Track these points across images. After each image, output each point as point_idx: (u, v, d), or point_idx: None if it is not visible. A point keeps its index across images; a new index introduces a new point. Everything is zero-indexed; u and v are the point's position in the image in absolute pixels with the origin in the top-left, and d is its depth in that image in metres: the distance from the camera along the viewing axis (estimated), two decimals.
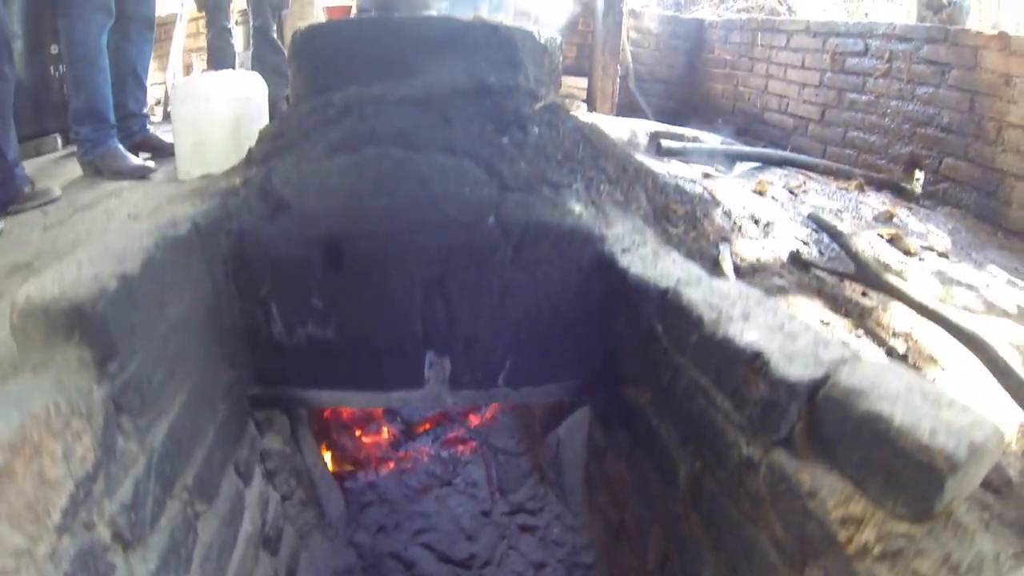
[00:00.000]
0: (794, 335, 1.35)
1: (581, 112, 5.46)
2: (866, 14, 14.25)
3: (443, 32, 2.31)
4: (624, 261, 1.81)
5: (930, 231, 3.33)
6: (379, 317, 1.92)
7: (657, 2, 7.80)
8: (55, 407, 1.13)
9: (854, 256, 2.37)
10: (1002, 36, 3.89)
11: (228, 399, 1.85)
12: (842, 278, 2.36)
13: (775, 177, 3.59)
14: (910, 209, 3.68)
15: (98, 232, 2.36)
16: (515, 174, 1.96)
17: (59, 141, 4.54)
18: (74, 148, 3.57)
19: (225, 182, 2.19)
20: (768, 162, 3.87)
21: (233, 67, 4.55)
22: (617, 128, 4.52)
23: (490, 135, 2.07)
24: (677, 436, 1.65)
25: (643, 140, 4.47)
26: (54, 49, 4.42)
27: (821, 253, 2.53)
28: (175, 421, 1.51)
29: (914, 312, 2.12)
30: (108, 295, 1.27)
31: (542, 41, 2.51)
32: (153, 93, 5.38)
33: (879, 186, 4.16)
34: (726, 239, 2.37)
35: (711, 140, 4.85)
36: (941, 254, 2.99)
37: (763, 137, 5.62)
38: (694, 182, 2.82)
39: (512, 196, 1.90)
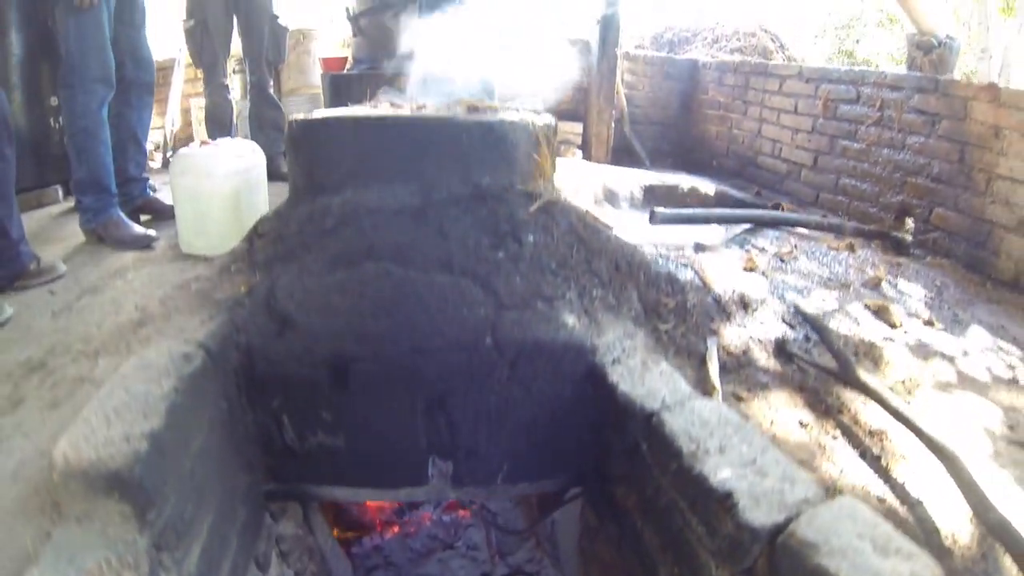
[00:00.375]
0: (764, 471, 1.50)
1: (576, 161, 5.59)
2: (857, 41, 14.35)
3: (439, 135, 2.36)
4: (614, 375, 1.94)
5: (915, 293, 3.43)
6: (385, 429, 2.03)
7: (651, 42, 7.93)
8: (107, 563, 1.27)
9: (835, 353, 2.49)
10: (991, 88, 3.96)
11: (247, 501, 1.97)
12: (823, 372, 2.48)
13: (767, 241, 3.69)
14: (899, 266, 3.76)
15: (108, 330, 2.43)
16: (511, 291, 2.07)
17: (60, 193, 4.63)
18: (74, 199, 3.65)
19: (229, 285, 2.27)
20: (761, 223, 3.98)
21: (231, 123, 4.65)
22: (612, 180, 4.63)
23: (486, 250, 2.17)
24: (658, 542, 1.78)
25: (638, 193, 4.60)
26: (54, 101, 4.47)
27: (807, 338, 2.64)
28: (205, 543, 1.64)
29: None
30: (142, 457, 1.40)
31: (537, 129, 2.53)
32: (152, 137, 5.47)
33: (870, 237, 4.24)
34: (714, 331, 2.49)
35: (705, 187, 4.96)
36: (927, 322, 3.09)
37: (757, 181, 5.71)
38: (686, 265, 2.93)
39: (508, 315, 2.02)
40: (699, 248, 3.38)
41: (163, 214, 3.87)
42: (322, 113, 2.56)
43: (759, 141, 5.73)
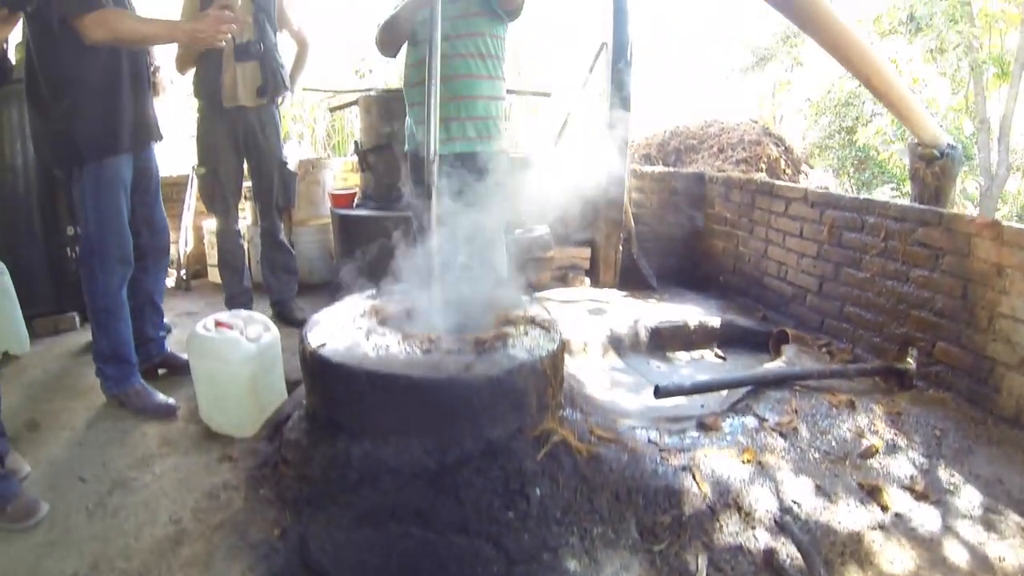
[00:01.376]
0: None
1: (584, 291, 5.66)
2: (856, 118, 14.52)
3: (450, 395, 2.50)
4: None
5: (913, 451, 3.43)
6: None
7: (657, 149, 8.02)
8: None
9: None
10: (995, 225, 3.97)
11: None
12: None
13: (768, 407, 3.66)
14: (899, 417, 3.74)
15: (147, 545, 2.53)
16: (520, 548, 2.26)
17: (77, 320, 4.75)
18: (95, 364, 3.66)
19: (261, 522, 2.46)
20: (764, 384, 4.01)
21: (244, 268, 4.72)
22: (618, 324, 4.70)
23: (498, 510, 2.35)
24: None
25: (644, 336, 4.66)
26: (70, 231, 4.64)
27: (798, 545, 2.66)
28: None
29: None
30: None
31: (545, 363, 2.67)
32: None
33: (874, 374, 4.28)
34: (707, 545, 2.50)
35: (710, 319, 5.01)
36: (919, 495, 3.08)
37: (763, 301, 5.72)
38: (685, 468, 2.94)
39: (517, 569, 2.21)
40: (701, 427, 3.41)
41: (180, 370, 3.94)
42: (336, 353, 2.67)
43: (765, 261, 5.75)
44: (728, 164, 7.35)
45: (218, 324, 3.35)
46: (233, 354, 3.28)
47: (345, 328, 2.91)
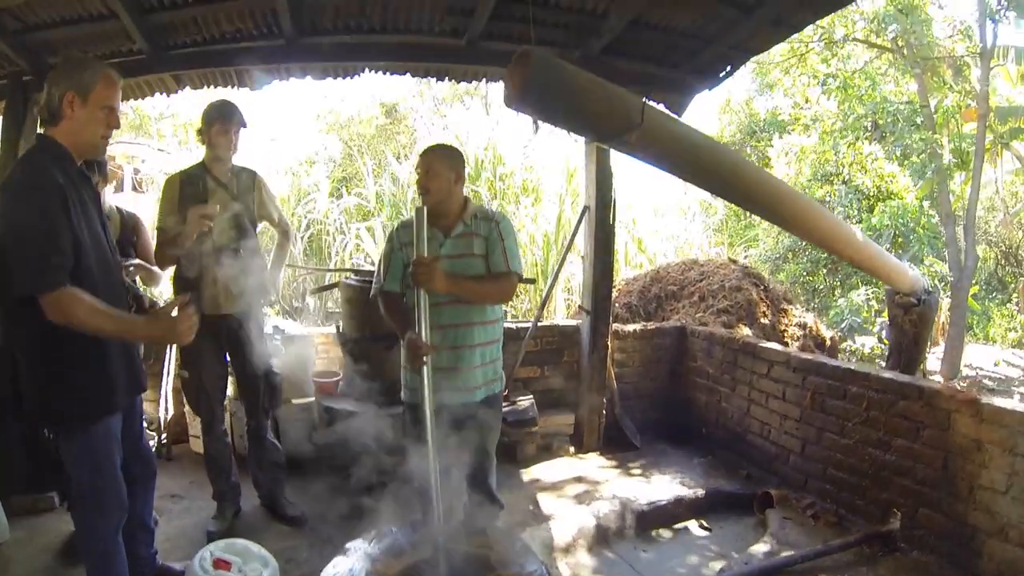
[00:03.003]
0: None
1: (568, 465, 5.74)
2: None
3: None
4: None
5: None
6: None
7: (638, 297, 8.11)
8: None
9: None
10: (974, 402, 4.08)
11: None
12: None
13: None
14: None
15: None
16: None
17: (56, 499, 4.64)
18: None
19: None
20: None
21: (231, 466, 4.62)
22: (603, 512, 4.74)
23: None
24: None
25: (630, 522, 4.69)
26: None
27: None
28: None
29: None
30: None
31: None
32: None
33: (860, 543, 4.36)
34: None
35: (695, 490, 5.04)
36: None
37: (746, 456, 5.75)
38: None
39: None
40: None
41: None
42: None
43: (748, 419, 5.80)
44: (710, 314, 7.44)
45: (216, 564, 3.32)
46: None
47: None
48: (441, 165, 3.60)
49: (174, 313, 2.96)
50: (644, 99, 3.78)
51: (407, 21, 5.35)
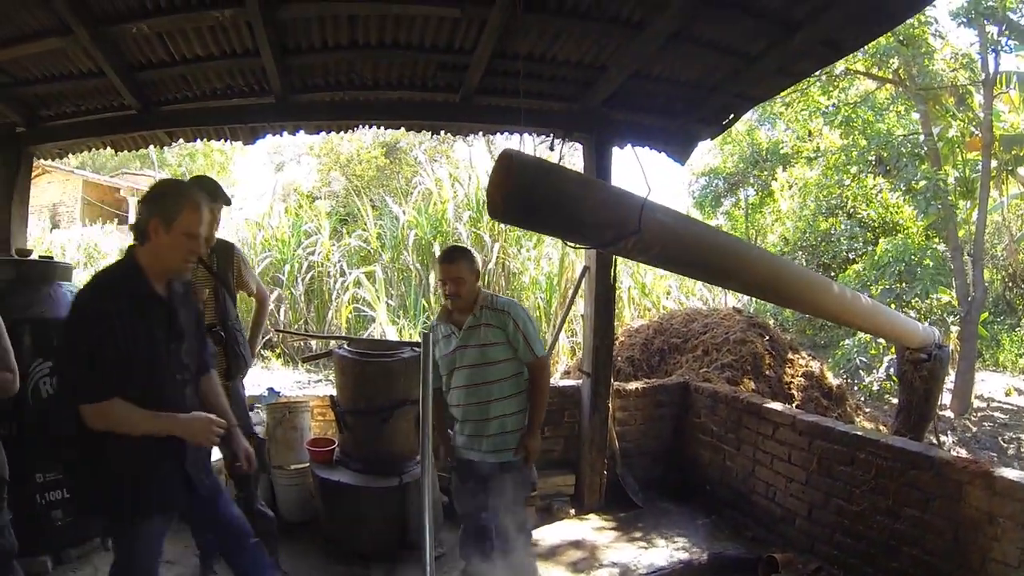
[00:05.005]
0: None
1: (571, 525, 5.63)
2: (833, 256, 14.88)
3: None
4: None
5: None
6: None
7: (640, 350, 8.01)
8: None
9: None
10: (987, 475, 3.95)
11: None
12: None
13: None
14: None
15: None
16: None
17: (49, 564, 4.61)
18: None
19: None
20: None
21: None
22: None
23: None
24: None
25: None
26: (39, 478, 4.57)
27: None
28: None
29: None
30: None
31: None
32: None
33: None
34: None
35: (700, 557, 4.90)
36: None
37: (751, 516, 5.60)
38: None
39: None
40: None
41: None
42: None
43: (752, 480, 5.65)
44: (714, 369, 7.32)
45: None
46: None
47: None
48: (466, 271, 4.00)
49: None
50: (644, 200, 3.60)
51: (400, 78, 5.30)
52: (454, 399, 4.18)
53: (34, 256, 4.97)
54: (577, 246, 5.28)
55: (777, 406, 5.68)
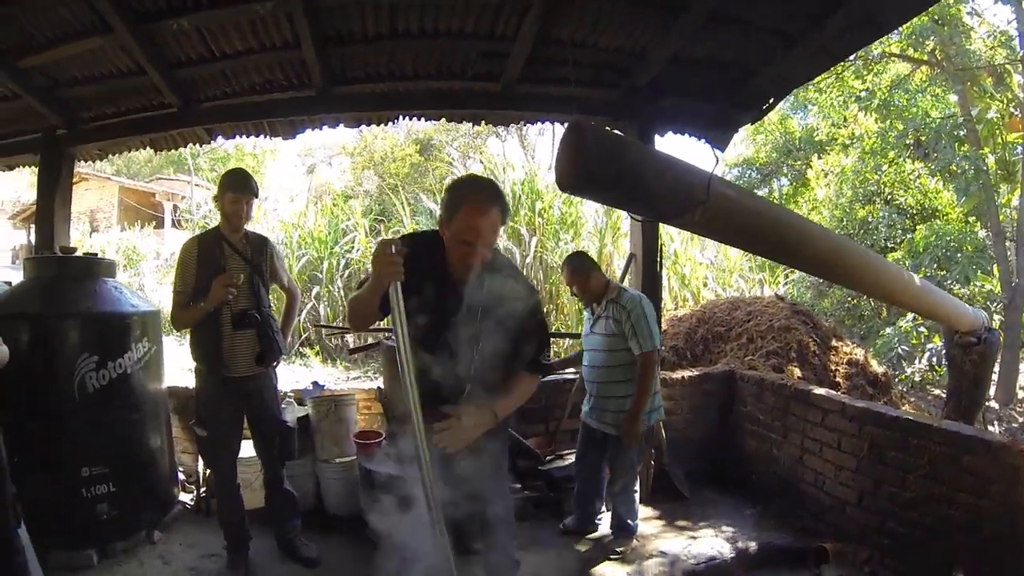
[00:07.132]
0: None
1: None
2: (871, 244, 14.67)
3: None
4: None
5: None
6: None
7: (684, 339, 7.93)
8: None
9: None
10: None
11: None
12: None
13: None
14: None
15: None
16: None
17: (94, 557, 4.65)
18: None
19: None
20: None
21: (243, 518, 4.72)
22: (655, 571, 4.62)
23: None
24: None
25: None
26: (85, 472, 4.60)
27: None
28: None
29: None
30: None
31: None
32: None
33: None
34: None
35: (749, 546, 4.84)
36: None
37: (799, 507, 5.50)
38: None
39: None
40: None
41: None
42: None
43: (801, 468, 5.57)
44: (759, 357, 7.23)
45: None
46: None
47: None
48: (574, 276, 4.85)
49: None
50: (711, 172, 3.56)
51: (440, 67, 5.29)
52: (583, 373, 5.07)
53: (78, 254, 5.04)
54: (640, 218, 5.21)
55: (826, 392, 5.58)
